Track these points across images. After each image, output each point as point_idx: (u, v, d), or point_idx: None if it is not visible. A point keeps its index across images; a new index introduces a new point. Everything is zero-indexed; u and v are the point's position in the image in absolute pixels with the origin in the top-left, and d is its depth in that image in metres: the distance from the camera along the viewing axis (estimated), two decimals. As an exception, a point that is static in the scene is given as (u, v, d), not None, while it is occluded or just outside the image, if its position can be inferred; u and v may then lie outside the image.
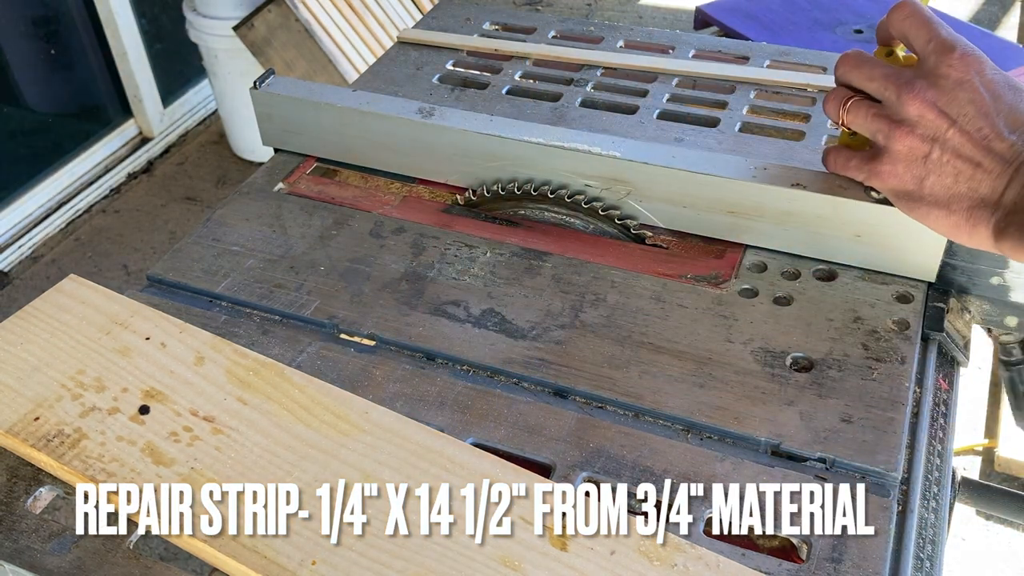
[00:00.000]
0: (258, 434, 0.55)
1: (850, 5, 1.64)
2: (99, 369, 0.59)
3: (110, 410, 0.56)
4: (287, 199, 0.78)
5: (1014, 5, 3.02)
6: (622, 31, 1.01)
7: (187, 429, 0.55)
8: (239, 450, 0.54)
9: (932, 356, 0.63)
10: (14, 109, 2.30)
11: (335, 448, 0.54)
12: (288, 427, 0.55)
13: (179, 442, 0.54)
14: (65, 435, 0.55)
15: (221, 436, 0.54)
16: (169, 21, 2.49)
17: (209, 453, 0.53)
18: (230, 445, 0.54)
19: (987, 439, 1.71)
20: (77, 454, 0.53)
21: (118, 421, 0.55)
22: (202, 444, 0.54)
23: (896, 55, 0.63)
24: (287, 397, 0.57)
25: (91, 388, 0.57)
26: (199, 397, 0.57)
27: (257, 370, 0.59)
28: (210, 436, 0.54)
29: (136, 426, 0.55)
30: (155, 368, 0.59)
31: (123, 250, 2.20)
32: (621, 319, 0.64)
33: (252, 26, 2.14)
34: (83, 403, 0.57)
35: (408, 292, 0.68)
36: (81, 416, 0.56)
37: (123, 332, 0.61)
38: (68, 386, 0.58)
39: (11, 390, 0.57)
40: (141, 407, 0.56)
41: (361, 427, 0.55)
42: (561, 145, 0.71)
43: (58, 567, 0.49)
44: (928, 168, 0.55)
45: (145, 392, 0.57)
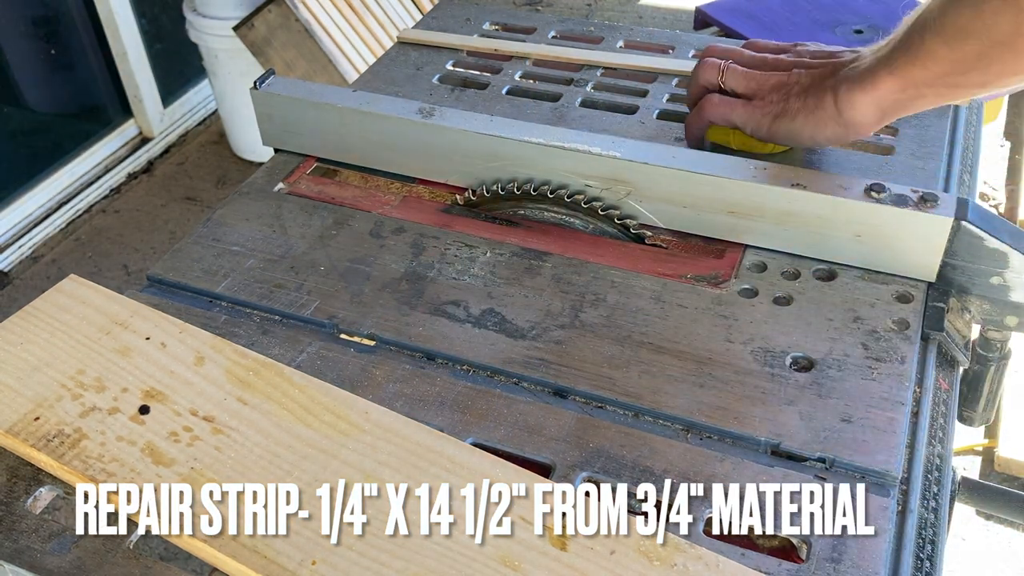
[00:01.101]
0: (258, 434, 0.54)
1: (850, 5, 1.64)
2: (99, 369, 0.59)
3: (110, 410, 0.56)
4: (287, 199, 0.78)
5: (1014, 5, 3.01)
6: (622, 31, 1.01)
7: (187, 429, 0.55)
8: (239, 450, 0.54)
9: (932, 356, 0.63)
10: (14, 109, 2.30)
11: (335, 448, 0.54)
12: (288, 427, 0.55)
13: (179, 442, 0.54)
14: (65, 435, 0.54)
15: (221, 436, 0.54)
16: (169, 21, 2.49)
17: (209, 453, 0.53)
18: (230, 445, 0.54)
19: (987, 439, 1.71)
20: (77, 454, 0.53)
21: (118, 421, 0.55)
22: (202, 444, 0.54)
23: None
24: (287, 397, 0.57)
25: (91, 388, 0.57)
26: (199, 397, 0.57)
27: (257, 370, 0.59)
28: (210, 436, 0.54)
29: (136, 426, 0.55)
30: (155, 368, 0.59)
31: (123, 250, 2.20)
32: (621, 319, 0.64)
33: (252, 26, 2.14)
34: (83, 403, 0.56)
35: (408, 292, 0.68)
36: (81, 416, 0.56)
37: (123, 332, 0.61)
38: (68, 386, 0.57)
39: (11, 390, 0.57)
40: (141, 407, 0.56)
41: (361, 427, 0.55)
42: (561, 145, 0.71)
43: (58, 567, 0.49)
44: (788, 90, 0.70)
45: (145, 392, 0.57)
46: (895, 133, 0.82)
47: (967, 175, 0.81)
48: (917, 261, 0.66)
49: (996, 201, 2.08)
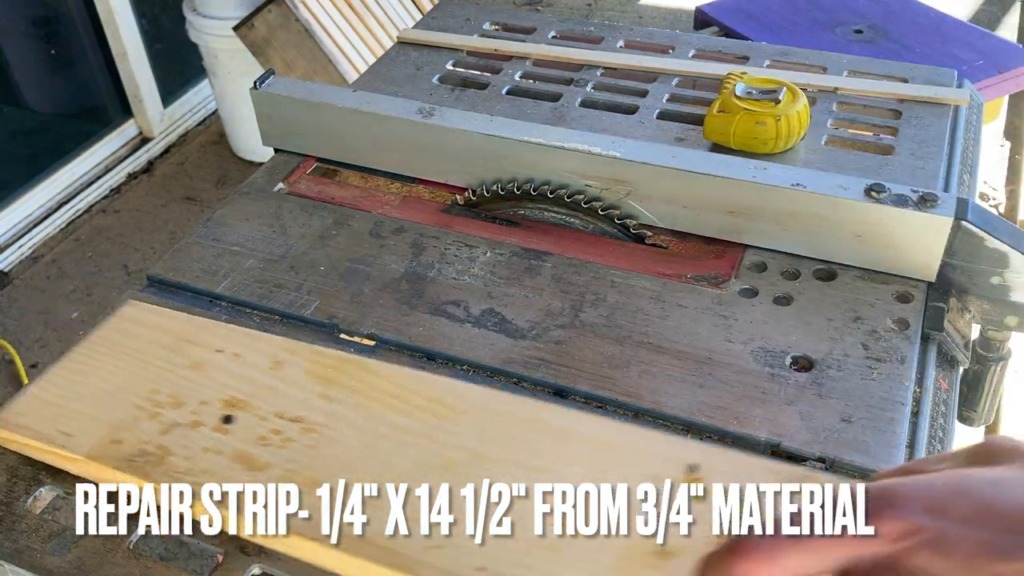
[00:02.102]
0: (350, 428, 0.53)
1: (850, 5, 1.64)
2: (173, 386, 0.57)
3: (192, 424, 0.54)
4: (287, 199, 0.78)
5: (1014, 5, 3.02)
6: (622, 31, 1.01)
7: (276, 432, 0.53)
8: (334, 446, 0.52)
9: (932, 356, 0.63)
10: (14, 109, 2.30)
11: (434, 432, 0.52)
12: (381, 417, 0.53)
13: (270, 445, 0.53)
14: (148, 453, 0.53)
15: (313, 434, 0.53)
16: (169, 21, 2.49)
17: (304, 452, 0.52)
18: (323, 442, 0.52)
19: (987, 439, 1.71)
20: (164, 471, 0.52)
21: (201, 433, 0.54)
22: (295, 445, 0.52)
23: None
24: (374, 389, 0.56)
25: (167, 406, 0.56)
26: (283, 400, 0.55)
27: (338, 366, 0.57)
28: (301, 436, 0.53)
29: (221, 436, 0.54)
30: (231, 378, 0.58)
31: (123, 250, 2.19)
32: (621, 319, 0.64)
33: (252, 26, 2.13)
34: (161, 421, 0.55)
35: (408, 292, 0.68)
36: (162, 433, 0.54)
37: (191, 348, 0.60)
38: (144, 407, 0.56)
39: (87, 417, 0.56)
40: (224, 417, 0.55)
41: (458, 409, 0.53)
42: (561, 145, 0.71)
43: (58, 567, 0.49)
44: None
45: (225, 402, 0.56)
46: (895, 133, 0.82)
47: (967, 175, 0.81)
48: (917, 261, 0.66)
49: (996, 201, 2.08)
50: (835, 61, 0.93)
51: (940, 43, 1.53)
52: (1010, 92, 1.50)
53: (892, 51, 1.50)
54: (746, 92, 0.78)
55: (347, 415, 0.54)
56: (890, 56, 1.46)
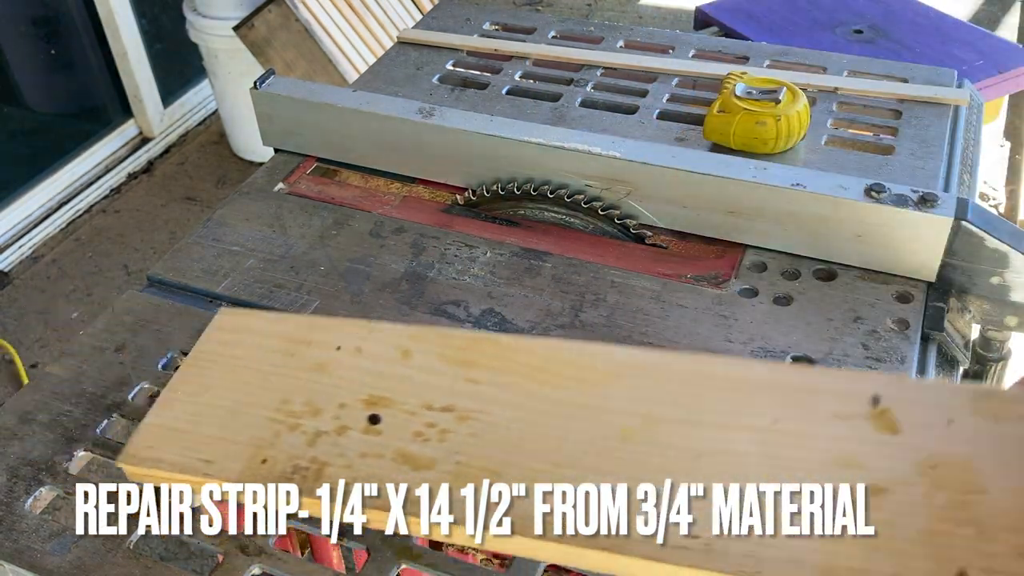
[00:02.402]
0: (507, 409, 0.49)
1: (850, 5, 1.64)
2: (303, 393, 0.52)
3: (337, 430, 0.50)
4: (287, 199, 0.78)
5: (1014, 5, 3.02)
6: (622, 31, 1.01)
7: (431, 425, 0.49)
8: (498, 430, 0.48)
9: (932, 356, 0.63)
10: (14, 109, 2.30)
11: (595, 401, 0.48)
12: (534, 393, 0.49)
13: (429, 440, 0.49)
14: (303, 469, 0.48)
15: (471, 422, 0.49)
16: (169, 21, 2.49)
17: (467, 442, 0.48)
18: (485, 428, 0.48)
19: (987, 439, 1.71)
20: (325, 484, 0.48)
21: (352, 439, 0.49)
22: (454, 436, 0.48)
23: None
24: (517, 364, 0.51)
25: (305, 415, 0.51)
26: (425, 390, 0.51)
27: (471, 347, 0.53)
28: (458, 425, 0.49)
29: (374, 438, 0.49)
30: (363, 375, 0.53)
31: (123, 250, 2.20)
32: (621, 319, 0.64)
33: (252, 26, 2.13)
34: (304, 431, 0.50)
35: (408, 292, 0.68)
36: (310, 445, 0.50)
37: (307, 349, 0.55)
38: (279, 419, 0.51)
39: (222, 440, 0.51)
40: (370, 417, 0.50)
41: (614, 372, 0.49)
42: (561, 145, 0.71)
43: (58, 567, 0.49)
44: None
45: (365, 401, 0.51)
46: (895, 133, 0.82)
47: (967, 175, 0.81)
48: (917, 261, 0.66)
49: (996, 201, 2.08)
50: (835, 61, 0.93)
51: (940, 43, 1.53)
52: (1010, 92, 1.51)
53: (892, 51, 1.51)
54: (746, 92, 0.78)
55: (499, 396, 0.50)
56: (890, 56, 1.46)
